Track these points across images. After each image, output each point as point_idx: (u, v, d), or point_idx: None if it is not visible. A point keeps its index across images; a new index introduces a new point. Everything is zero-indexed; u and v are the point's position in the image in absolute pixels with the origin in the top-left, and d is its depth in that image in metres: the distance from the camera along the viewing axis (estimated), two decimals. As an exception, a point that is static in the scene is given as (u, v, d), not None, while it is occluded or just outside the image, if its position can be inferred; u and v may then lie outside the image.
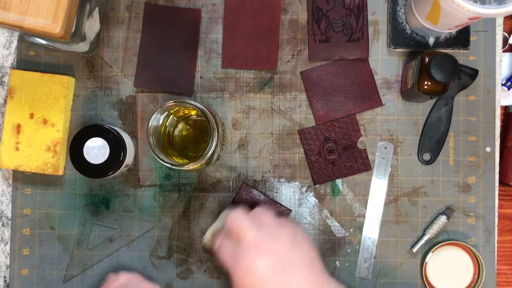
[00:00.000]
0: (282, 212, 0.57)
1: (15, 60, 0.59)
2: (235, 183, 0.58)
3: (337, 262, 0.57)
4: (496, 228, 0.57)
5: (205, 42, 0.58)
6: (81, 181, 0.58)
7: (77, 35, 0.51)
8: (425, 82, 0.51)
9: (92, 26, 0.55)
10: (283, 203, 0.58)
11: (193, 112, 0.54)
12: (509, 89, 0.59)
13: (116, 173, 0.54)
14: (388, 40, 0.58)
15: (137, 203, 0.58)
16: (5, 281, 0.58)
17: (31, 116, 0.56)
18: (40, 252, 0.58)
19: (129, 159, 0.55)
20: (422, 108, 0.58)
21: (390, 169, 0.57)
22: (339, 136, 0.57)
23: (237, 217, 0.48)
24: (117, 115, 0.58)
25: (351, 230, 0.57)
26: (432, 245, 0.57)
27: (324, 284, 0.46)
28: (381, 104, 0.58)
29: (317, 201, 0.58)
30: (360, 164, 0.57)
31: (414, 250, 0.57)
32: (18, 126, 0.56)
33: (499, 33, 0.58)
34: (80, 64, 0.58)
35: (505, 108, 0.61)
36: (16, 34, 0.58)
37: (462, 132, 0.58)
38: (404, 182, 0.57)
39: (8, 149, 0.56)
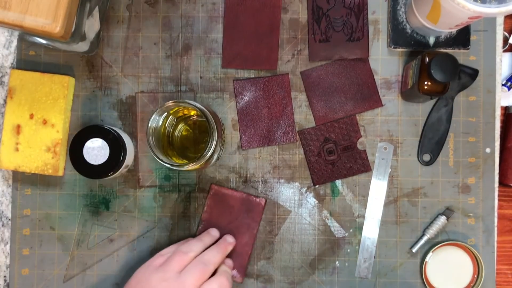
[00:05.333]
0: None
1: (15, 60, 0.58)
2: (235, 184, 0.58)
3: (337, 262, 0.57)
4: (495, 229, 0.57)
5: (205, 42, 0.58)
6: (81, 182, 0.58)
7: (77, 34, 0.51)
8: (425, 82, 0.51)
9: (92, 25, 0.54)
10: (282, 204, 0.58)
11: (193, 112, 0.54)
12: (509, 89, 0.59)
13: (116, 173, 0.54)
14: (389, 40, 0.57)
15: (137, 204, 0.58)
16: (5, 280, 0.58)
17: (31, 116, 0.56)
18: (40, 252, 0.58)
19: (129, 159, 0.55)
20: (422, 109, 0.58)
21: (389, 170, 0.57)
22: (339, 137, 0.57)
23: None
24: (117, 115, 0.58)
25: (351, 230, 0.57)
26: (432, 245, 0.57)
27: None
28: (381, 105, 0.58)
29: (316, 201, 0.58)
30: (359, 165, 0.57)
31: (414, 250, 0.57)
32: (18, 126, 0.56)
33: (500, 33, 0.58)
34: (80, 64, 0.58)
35: (505, 109, 0.60)
36: (16, 33, 0.58)
37: (462, 132, 0.57)
38: (403, 182, 0.57)
39: (8, 150, 0.56)
